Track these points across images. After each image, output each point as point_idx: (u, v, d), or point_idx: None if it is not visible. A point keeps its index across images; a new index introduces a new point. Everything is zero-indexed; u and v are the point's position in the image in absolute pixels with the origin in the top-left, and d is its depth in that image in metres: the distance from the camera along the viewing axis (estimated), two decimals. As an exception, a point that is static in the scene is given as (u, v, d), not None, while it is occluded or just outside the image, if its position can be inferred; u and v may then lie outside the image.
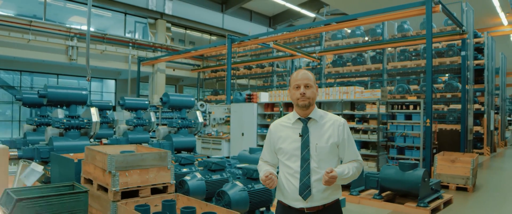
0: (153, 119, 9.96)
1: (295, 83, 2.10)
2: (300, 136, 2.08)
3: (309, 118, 2.11)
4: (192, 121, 8.96)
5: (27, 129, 8.59)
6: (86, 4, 9.21)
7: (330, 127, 2.10)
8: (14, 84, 17.51)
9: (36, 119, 8.56)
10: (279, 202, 2.20)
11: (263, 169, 2.18)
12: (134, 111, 10.04)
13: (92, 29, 13.35)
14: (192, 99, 9.36)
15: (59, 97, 6.53)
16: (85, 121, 6.73)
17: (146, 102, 10.37)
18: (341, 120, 2.16)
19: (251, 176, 4.49)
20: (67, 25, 16.16)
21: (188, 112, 9.28)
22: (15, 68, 16.77)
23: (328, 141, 2.07)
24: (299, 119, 2.12)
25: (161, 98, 8.82)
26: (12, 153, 6.30)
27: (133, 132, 9.53)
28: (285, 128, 2.17)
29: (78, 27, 16.93)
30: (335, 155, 2.12)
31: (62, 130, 6.56)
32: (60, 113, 6.67)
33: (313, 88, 2.09)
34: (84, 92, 6.82)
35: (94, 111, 6.85)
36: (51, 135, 6.49)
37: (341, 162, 2.18)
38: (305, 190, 2.02)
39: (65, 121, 6.48)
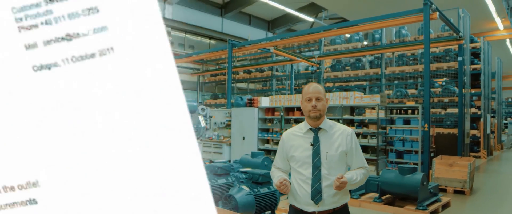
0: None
1: (307, 96, 2.25)
2: (311, 144, 2.24)
3: (320, 128, 2.27)
4: (195, 126, 9.11)
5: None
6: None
7: (339, 136, 2.26)
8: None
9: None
10: (291, 206, 2.36)
11: (277, 175, 2.33)
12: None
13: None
14: (195, 104, 9.52)
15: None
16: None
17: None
18: (349, 129, 2.32)
19: (256, 180, 4.64)
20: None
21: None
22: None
23: (338, 150, 2.23)
24: (310, 129, 2.28)
25: (164, 103, 8.95)
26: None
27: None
28: (297, 137, 2.32)
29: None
30: (344, 162, 2.28)
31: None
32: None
33: (323, 101, 2.25)
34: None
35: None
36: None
37: (349, 168, 2.35)
38: (316, 195, 2.18)
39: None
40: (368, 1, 14.89)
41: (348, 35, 16.37)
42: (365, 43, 15.61)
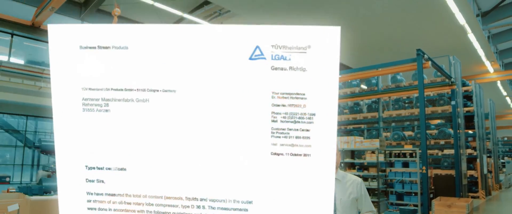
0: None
1: (323, 152, 2.72)
2: (328, 192, 2.68)
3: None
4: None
5: (42, 175, 9.05)
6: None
7: (351, 185, 2.72)
8: (18, 128, 17.94)
9: (52, 166, 9.05)
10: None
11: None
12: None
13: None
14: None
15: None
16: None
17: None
18: (359, 179, 2.78)
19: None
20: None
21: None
22: (23, 113, 17.33)
23: (350, 196, 2.68)
24: (326, 179, 2.73)
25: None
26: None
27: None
28: (315, 186, 2.77)
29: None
30: (355, 207, 2.72)
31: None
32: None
33: (337, 155, 2.72)
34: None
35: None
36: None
37: (359, 212, 2.78)
38: (333, 235, 2.60)
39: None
40: (363, 48, 15.71)
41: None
42: (363, 87, 16.24)
